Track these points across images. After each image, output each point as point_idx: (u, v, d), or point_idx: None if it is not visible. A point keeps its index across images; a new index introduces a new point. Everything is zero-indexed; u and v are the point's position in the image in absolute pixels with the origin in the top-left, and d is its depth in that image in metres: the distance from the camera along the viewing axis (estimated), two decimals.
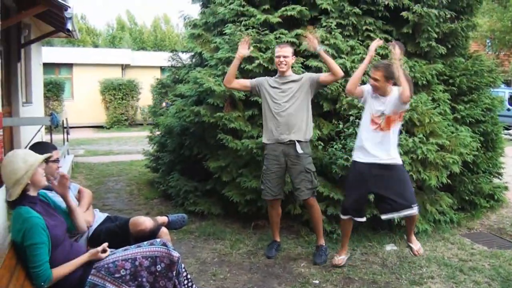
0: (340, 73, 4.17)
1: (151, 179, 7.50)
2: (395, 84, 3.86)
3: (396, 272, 4.02)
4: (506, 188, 6.29)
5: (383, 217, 3.97)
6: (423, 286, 3.75)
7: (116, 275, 2.66)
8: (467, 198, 5.59)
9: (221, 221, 5.32)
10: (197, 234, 4.95)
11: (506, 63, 23.38)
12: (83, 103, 19.17)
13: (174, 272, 2.77)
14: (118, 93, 19.29)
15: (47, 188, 2.86)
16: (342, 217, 4.10)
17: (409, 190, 3.88)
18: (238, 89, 4.62)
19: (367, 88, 4.04)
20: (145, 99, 19.32)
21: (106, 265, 2.68)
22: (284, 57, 4.21)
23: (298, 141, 4.17)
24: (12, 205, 2.58)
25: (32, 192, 2.59)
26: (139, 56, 22.17)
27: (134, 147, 12.70)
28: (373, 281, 3.84)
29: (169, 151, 6.35)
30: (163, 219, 3.57)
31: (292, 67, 4.44)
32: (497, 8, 21.93)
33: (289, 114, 4.18)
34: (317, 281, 3.81)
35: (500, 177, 6.30)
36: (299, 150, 4.15)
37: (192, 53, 6.75)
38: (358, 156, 3.99)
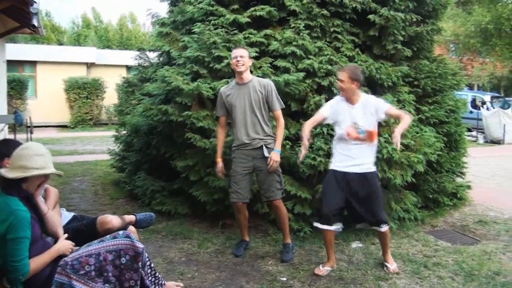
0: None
1: (116, 179, 7.38)
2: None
3: (362, 268, 4.09)
4: (468, 187, 6.49)
5: (357, 226, 4.03)
6: (388, 282, 3.83)
7: (81, 272, 2.63)
8: (430, 196, 5.74)
9: (189, 221, 5.29)
10: (164, 234, 4.90)
11: (469, 67, 24.15)
12: (47, 101, 18.73)
13: (140, 263, 2.77)
14: (83, 92, 18.93)
15: None
16: (321, 227, 3.95)
17: (380, 208, 3.93)
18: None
19: (329, 106, 4.07)
20: (110, 98, 18.97)
21: (70, 263, 2.64)
22: (241, 56, 4.18)
23: (265, 144, 4.20)
24: (5, 189, 2.56)
25: (24, 187, 2.60)
26: (104, 54, 21.84)
27: (99, 146, 12.50)
28: (339, 278, 3.89)
29: (135, 150, 6.27)
30: (130, 217, 3.56)
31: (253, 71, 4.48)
32: (461, 13, 22.61)
33: (254, 121, 4.21)
34: (284, 279, 3.84)
35: (463, 176, 6.50)
36: (266, 154, 4.17)
37: (160, 52, 6.69)
38: (335, 165, 3.99)
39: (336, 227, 3.97)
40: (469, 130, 6.96)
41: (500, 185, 8.26)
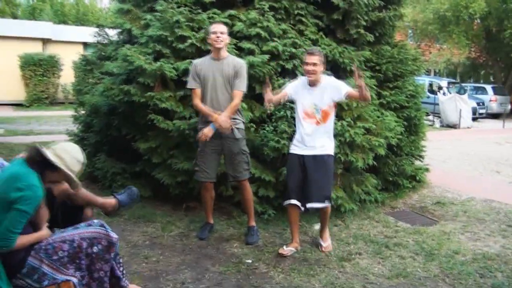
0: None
1: None
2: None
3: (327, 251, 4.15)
4: (427, 169, 6.70)
5: (307, 206, 4.04)
6: (351, 262, 3.91)
7: (54, 257, 2.60)
8: (390, 179, 5.89)
9: (151, 204, 5.21)
10: (126, 217, 4.81)
11: (427, 53, 24.71)
12: (1, 78, 17.91)
13: (112, 254, 2.74)
14: (38, 69, 18.16)
15: None
16: (286, 202, 4.09)
17: (328, 186, 4.08)
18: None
19: (292, 85, 4.19)
20: (67, 76, 18.31)
21: (44, 247, 2.60)
22: (221, 32, 4.13)
23: (235, 127, 4.16)
24: (32, 163, 2.58)
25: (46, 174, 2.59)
26: (61, 30, 20.92)
27: (56, 127, 12.10)
28: (304, 259, 3.95)
29: (95, 131, 6.09)
30: (110, 202, 3.26)
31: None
32: (421, 0, 23.00)
33: (226, 98, 4.15)
34: (249, 261, 3.86)
35: (421, 159, 6.70)
36: (237, 135, 4.16)
37: (120, 30, 6.49)
38: (293, 149, 4.15)
39: (294, 202, 4.06)
40: (427, 114, 7.19)
41: (457, 168, 8.57)
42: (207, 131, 4.05)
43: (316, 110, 4.03)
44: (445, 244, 4.39)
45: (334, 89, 4.02)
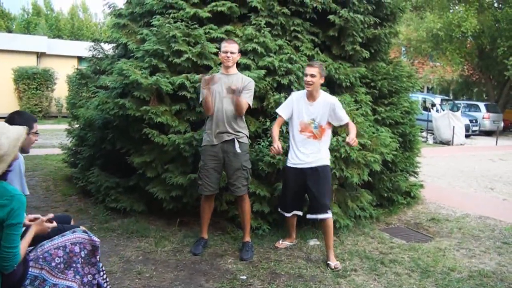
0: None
1: (68, 175, 7.13)
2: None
3: (321, 266, 4.12)
4: (421, 186, 6.70)
5: (307, 216, 4.30)
6: (347, 279, 3.87)
7: (53, 264, 2.64)
8: (385, 195, 5.88)
9: (145, 218, 5.16)
10: (119, 232, 4.76)
11: (420, 70, 24.91)
12: None
13: (98, 257, 2.83)
14: (32, 82, 18.17)
15: None
16: (286, 215, 4.42)
17: (326, 194, 4.19)
18: None
19: (283, 106, 4.35)
20: (61, 90, 18.34)
21: (42, 256, 2.65)
22: (231, 53, 4.25)
23: (237, 139, 4.20)
24: None
25: None
26: (55, 44, 21.01)
27: (49, 140, 12.03)
28: (299, 275, 3.91)
29: (89, 145, 6.05)
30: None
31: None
32: (415, 18, 23.27)
33: (230, 111, 4.19)
34: (244, 277, 3.81)
35: (416, 175, 6.71)
36: (238, 150, 4.18)
37: (116, 44, 6.50)
38: (290, 162, 4.27)
39: (295, 213, 4.42)
40: (421, 130, 7.25)
41: (450, 184, 8.57)
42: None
43: (314, 125, 4.13)
44: (441, 260, 4.36)
45: (334, 114, 4.15)
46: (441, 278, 3.94)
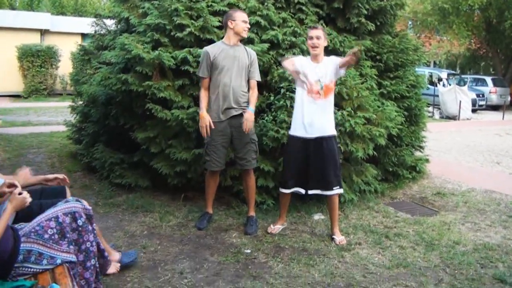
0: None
1: (73, 151, 7.14)
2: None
3: (325, 240, 4.13)
4: (427, 160, 6.67)
5: (309, 192, 4.16)
6: (351, 252, 3.88)
7: (46, 236, 2.63)
8: (390, 169, 5.85)
9: (149, 194, 5.18)
10: (124, 207, 4.78)
11: (427, 45, 24.59)
12: None
13: (94, 225, 2.87)
14: (36, 60, 18.05)
15: None
16: (285, 191, 4.20)
17: (335, 171, 4.07)
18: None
19: (296, 58, 4.18)
20: (65, 67, 18.24)
21: (33, 229, 2.63)
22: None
23: (244, 112, 4.13)
24: None
25: None
26: (59, 21, 20.77)
27: (54, 117, 12.07)
28: (303, 249, 3.92)
29: (93, 121, 6.04)
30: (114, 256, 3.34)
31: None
32: None
33: (239, 85, 4.15)
34: (248, 251, 3.83)
35: (421, 150, 6.66)
36: None
37: (118, 19, 6.41)
38: (293, 131, 4.13)
39: (296, 190, 4.18)
40: (427, 105, 7.17)
41: (457, 159, 8.53)
42: (250, 116, 4.07)
43: (320, 86, 4.03)
44: (446, 234, 4.36)
45: (334, 65, 4.05)
46: (446, 251, 3.94)
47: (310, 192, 4.16)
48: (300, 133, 4.07)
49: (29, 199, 2.57)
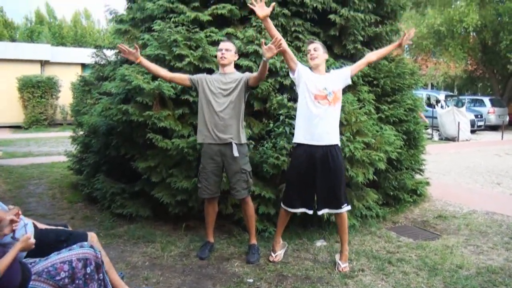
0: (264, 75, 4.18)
1: (74, 182, 7.15)
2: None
3: (328, 267, 4.10)
4: (427, 183, 6.68)
5: (319, 213, 4.13)
6: (354, 279, 3.85)
7: (57, 278, 2.66)
8: (391, 193, 5.85)
9: (151, 223, 5.17)
10: (126, 238, 4.77)
11: (424, 67, 24.84)
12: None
13: (101, 275, 2.85)
14: (37, 90, 18.25)
15: None
16: (289, 209, 4.11)
17: (343, 187, 4.06)
18: (177, 82, 4.46)
19: (302, 67, 4.11)
20: (65, 97, 18.44)
21: (46, 269, 2.66)
22: (226, 50, 4.17)
23: (235, 143, 4.14)
24: None
25: None
26: (59, 52, 21.07)
27: (55, 148, 12.11)
28: (306, 277, 3.89)
29: (93, 151, 6.07)
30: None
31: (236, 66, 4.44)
32: (415, 15, 23.19)
33: (228, 114, 4.14)
34: (251, 280, 3.80)
35: (421, 173, 6.67)
36: (235, 154, 4.12)
37: (118, 50, 6.50)
38: (298, 138, 4.05)
39: (301, 210, 4.12)
40: (425, 127, 7.23)
41: (457, 180, 8.53)
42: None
43: (328, 92, 3.98)
44: (448, 258, 4.34)
45: (340, 73, 4.14)
46: (449, 276, 3.92)
47: (319, 212, 4.09)
48: (305, 140, 3.99)
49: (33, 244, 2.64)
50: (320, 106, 3.96)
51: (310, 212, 4.15)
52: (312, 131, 3.96)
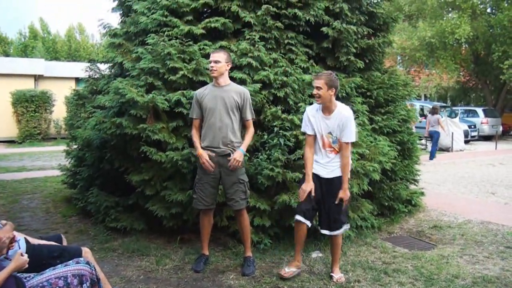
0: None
1: (68, 196, 7.11)
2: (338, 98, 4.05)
3: (324, 278, 4.09)
4: (422, 193, 6.69)
5: (321, 231, 4.12)
6: None
7: None
8: (386, 204, 5.86)
9: (145, 237, 5.14)
10: (120, 252, 4.74)
11: (417, 79, 25.03)
12: None
13: (99, 273, 2.90)
14: (30, 105, 18.19)
15: None
16: (300, 219, 4.00)
17: (344, 211, 4.10)
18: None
19: (305, 121, 4.10)
20: (59, 111, 18.44)
21: (41, 284, 2.65)
22: (215, 62, 4.17)
23: (233, 153, 4.15)
24: None
25: None
26: (53, 66, 21.07)
27: (48, 162, 12.06)
28: None
29: (87, 165, 6.05)
30: None
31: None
32: (407, 27, 23.42)
33: (226, 125, 4.16)
34: None
35: (416, 183, 6.69)
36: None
37: (112, 63, 6.53)
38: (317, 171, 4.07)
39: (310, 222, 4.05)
40: (419, 138, 7.26)
41: (451, 191, 8.54)
42: (238, 156, 4.11)
43: (332, 140, 3.99)
44: (444, 268, 4.33)
45: (342, 126, 3.93)
46: (445, 286, 3.91)
47: (322, 231, 4.11)
48: (316, 170, 4.05)
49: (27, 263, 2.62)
50: (327, 153, 4.04)
51: (309, 224, 4.07)
52: (319, 166, 4.09)
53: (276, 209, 4.77)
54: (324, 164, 4.04)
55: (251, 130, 4.33)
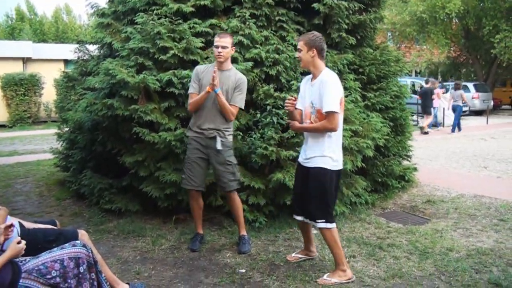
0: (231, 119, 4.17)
1: (61, 179, 7.07)
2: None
3: (320, 254, 4.12)
4: (415, 169, 6.73)
5: (297, 218, 3.85)
6: None
7: (48, 276, 2.62)
8: (379, 180, 5.89)
9: (140, 218, 5.13)
10: (115, 233, 4.73)
11: (408, 55, 24.96)
12: None
13: (93, 274, 2.80)
14: (20, 88, 17.98)
15: None
16: (297, 218, 3.85)
17: (319, 206, 3.58)
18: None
19: (300, 85, 3.85)
20: (48, 94, 18.25)
21: (37, 268, 2.62)
22: (223, 47, 4.06)
23: (220, 136, 4.12)
24: None
25: None
26: (41, 48, 20.81)
27: (40, 145, 11.96)
28: (298, 265, 3.90)
29: (80, 148, 6.01)
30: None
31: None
32: (398, 2, 23.27)
33: (217, 109, 4.10)
34: (243, 270, 3.80)
35: (409, 159, 6.73)
36: (219, 147, 4.10)
37: (101, 44, 6.43)
38: (300, 155, 3.82)
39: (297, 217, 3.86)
40: (411, 114, 7.31)
41: (444, 166, 8.61)
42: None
43: (312, 110, 3.57)
44: (438, 242, 4.38)
45: (319, 93, 3.49)
46: (440, 259, 3.96)
47: (299, 218, 3.82)
48: (299, 158, 3.80)
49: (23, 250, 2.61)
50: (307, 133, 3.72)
51: (299, 218, 3.84)
52: (303, 149, 3.80)
53: (270, 188, 4.77)
54: (304, 148, 3.71)
55: (234, 111, 4.14)
